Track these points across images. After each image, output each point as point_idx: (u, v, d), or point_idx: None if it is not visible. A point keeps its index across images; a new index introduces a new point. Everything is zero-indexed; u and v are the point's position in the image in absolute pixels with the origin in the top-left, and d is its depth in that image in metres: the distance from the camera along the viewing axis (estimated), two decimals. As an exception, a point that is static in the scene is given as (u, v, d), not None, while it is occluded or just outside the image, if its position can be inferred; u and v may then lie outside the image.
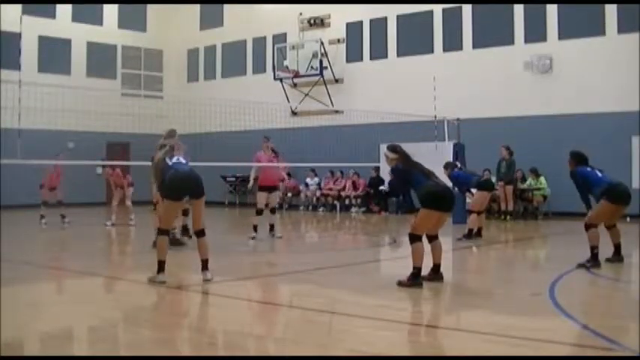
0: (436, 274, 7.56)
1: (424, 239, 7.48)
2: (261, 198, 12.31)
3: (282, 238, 12.49)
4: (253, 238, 12.06)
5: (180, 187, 7.46)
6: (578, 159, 9.24)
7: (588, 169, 9.09)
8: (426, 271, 7.44)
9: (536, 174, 17.60)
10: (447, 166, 13.05)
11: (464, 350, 4.88)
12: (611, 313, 6.11)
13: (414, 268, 7.22)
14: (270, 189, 12.43)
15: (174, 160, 7.71)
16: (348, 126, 18.54)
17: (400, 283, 7.20)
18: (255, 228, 12.17)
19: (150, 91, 25.28)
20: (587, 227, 8.72)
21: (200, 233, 7.61)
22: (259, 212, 12.26)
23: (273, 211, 12.59)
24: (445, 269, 9.38)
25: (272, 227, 12.49)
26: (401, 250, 10.59)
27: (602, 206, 8.73)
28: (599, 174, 9.02)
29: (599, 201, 8.80)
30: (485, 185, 12.86)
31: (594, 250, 8.59)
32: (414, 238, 7.34)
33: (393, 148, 7.70)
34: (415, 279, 7.19)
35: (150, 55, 26.11)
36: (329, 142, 19.31)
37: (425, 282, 7.30)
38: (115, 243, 13.51)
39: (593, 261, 8.58)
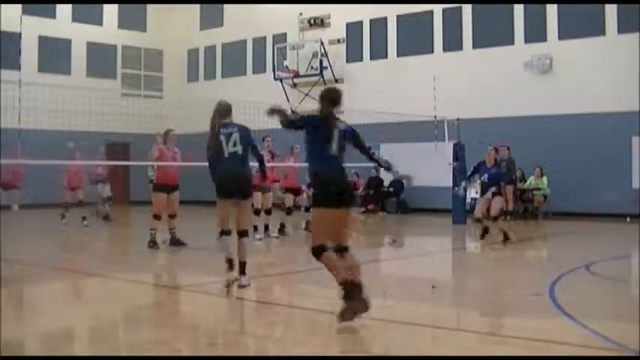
0: (357, 296, 5.35)
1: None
2: (257, 197, 11.96)
3: (278, 238, 12.44)
4: (260, 239, 11.93)
5: (229, 185, 7.03)
6: None
7: None
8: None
9: (541, 172, 17.57)
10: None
11: (464, 350, 4.88)
12: (611, 313, 6.11)
13: (342, 284, 5.36)
14: (264, 189, 12.17)
15: (228, 130, 7.07)
16: (348, 126, 18.51)
17: (343, 316, 5.30)
18: (255, 228, 12.05)
19: (150, 91, 25.30)
20: None
21: (243, 234, 7.13)
22: (256, 213, 12.07)
23: (268, 212, 12.41)
24: (445, 269, 9.38)
25: (267, 227, 12.39)
26: (401, 250, 10.59)
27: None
28: None
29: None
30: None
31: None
32: (318, 251, 5.43)
33: (322, 92, 5.67)
34: (354, 297, 5.31)
35: (150, 55, 26.11)
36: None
37: (355, 315, 5.36)
38: (114, 243, 13.52)
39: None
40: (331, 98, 5.61)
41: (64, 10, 23.77)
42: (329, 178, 5.49)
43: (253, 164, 7.79)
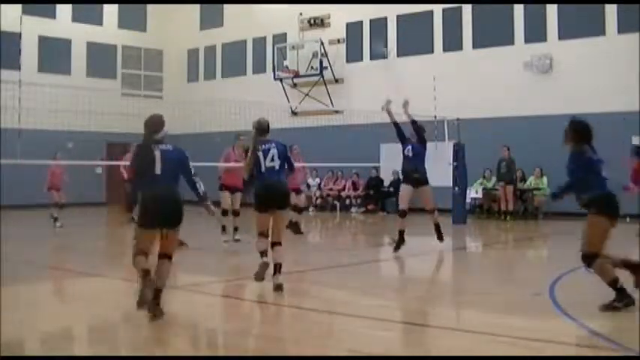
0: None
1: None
2: (225, 198, 11.55)
3: (240, 241, 11.52)
4: (226, 241, 11.35)
5: (267, 198, 7.26)
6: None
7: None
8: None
9: (541, 172, 17.55)
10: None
11: (464, 350, 4.87)
12: (612, 313, 6.10)
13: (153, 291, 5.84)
14: (232, 189, 11.62)
15: (266, 146, 7.34)
16: (348, 126, 18.52)
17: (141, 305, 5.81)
18: (223, 228, 11.44)
19: (150, 91, 25.29)
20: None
21: (277, 244, 7.43)
22: (224, 213, 11.48)
23: (236, 213, 11.69)
24: (445, 269, 9.39)
25: (236, 229, 11.69)
26: (401, 250, 10.58)
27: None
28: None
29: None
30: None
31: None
32: (144, 273, 5.88)
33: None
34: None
35: (150, 55, 26.11)
36: (329, 142, 19.29)
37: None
38: (114, 243, 13.51)
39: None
40: (147, 126, 6.32)
41: (64, 10, 23.76)
42: (151, 199, 5.78)
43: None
